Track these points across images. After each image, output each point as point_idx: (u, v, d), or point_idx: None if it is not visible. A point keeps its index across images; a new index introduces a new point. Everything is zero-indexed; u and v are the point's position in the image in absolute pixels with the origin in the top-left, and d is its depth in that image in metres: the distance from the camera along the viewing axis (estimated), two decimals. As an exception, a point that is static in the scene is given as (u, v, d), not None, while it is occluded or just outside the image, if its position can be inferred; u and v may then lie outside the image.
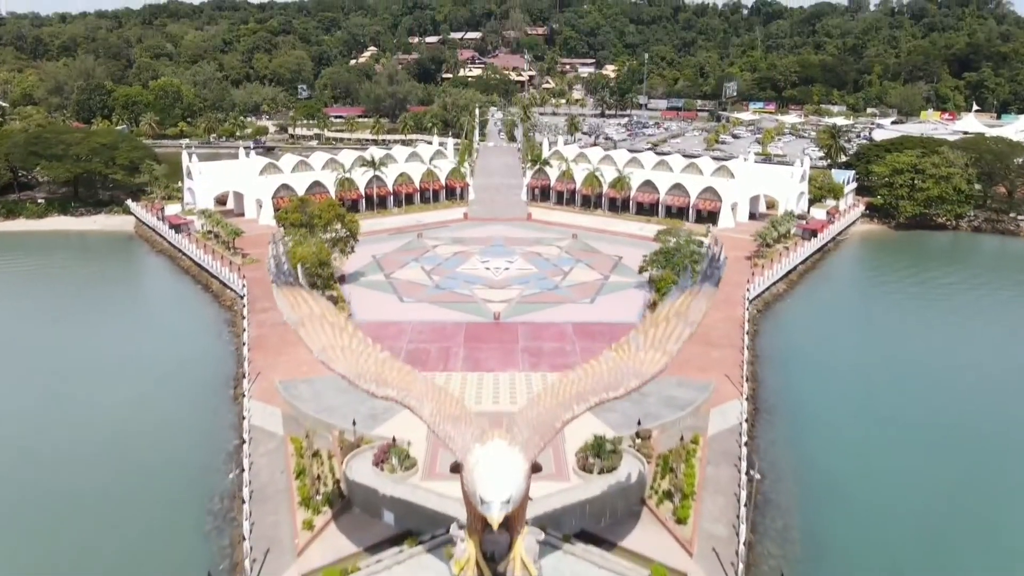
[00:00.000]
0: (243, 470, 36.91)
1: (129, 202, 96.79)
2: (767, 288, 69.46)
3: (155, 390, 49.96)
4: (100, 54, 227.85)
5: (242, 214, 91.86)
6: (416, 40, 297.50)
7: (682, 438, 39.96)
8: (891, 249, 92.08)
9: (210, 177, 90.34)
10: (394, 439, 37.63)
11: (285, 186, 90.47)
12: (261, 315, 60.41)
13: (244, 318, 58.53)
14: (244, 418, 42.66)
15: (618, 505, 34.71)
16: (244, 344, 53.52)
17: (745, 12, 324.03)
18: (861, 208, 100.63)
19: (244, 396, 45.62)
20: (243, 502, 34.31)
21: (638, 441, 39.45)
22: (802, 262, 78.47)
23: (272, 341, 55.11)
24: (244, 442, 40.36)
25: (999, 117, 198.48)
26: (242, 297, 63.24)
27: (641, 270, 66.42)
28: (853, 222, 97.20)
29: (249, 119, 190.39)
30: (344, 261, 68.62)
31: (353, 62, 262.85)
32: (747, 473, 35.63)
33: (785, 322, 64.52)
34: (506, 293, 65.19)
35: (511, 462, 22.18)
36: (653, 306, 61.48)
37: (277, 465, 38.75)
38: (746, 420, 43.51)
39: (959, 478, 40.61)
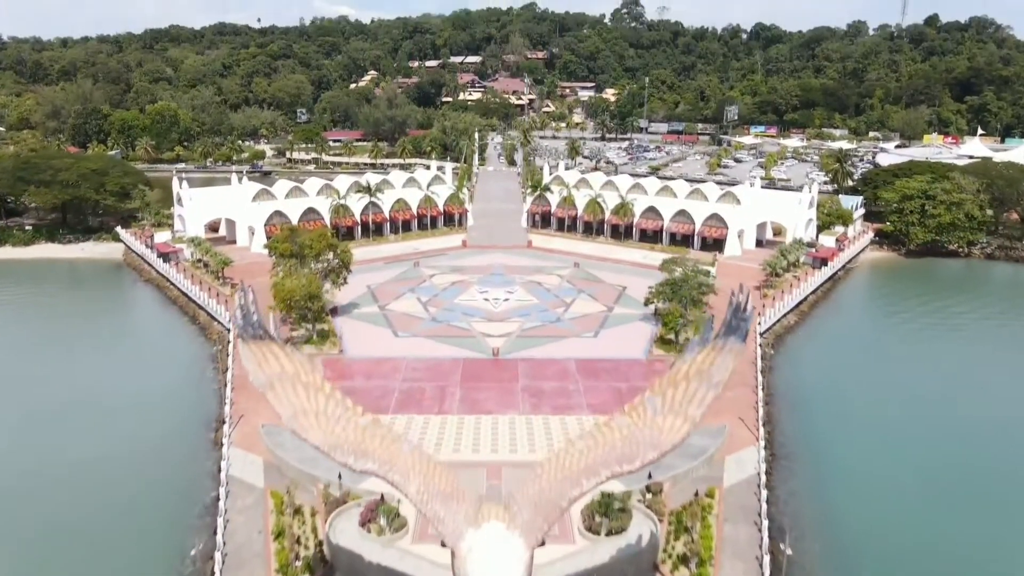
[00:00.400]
0: (215, 532, 33.71)
1: (118, 229, 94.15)
2: (778, 320, 66.55)
3: (129, 432, 46.76)
4: (99, 78, 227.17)
5: (234, 241, 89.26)
6: (416, 64, 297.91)
7: (696, 493, 36.75)
8: (903, 277, 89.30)
9: (201, 204, 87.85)
10: (383, 496, 34.48)
11: (278, 213, 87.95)
12: (248, 351, 57.48)
13: (228, 355, 55.46)
14: (221, 469, 39.49)
15: (628, 572, 31.53)
16: (227, 384, 50.42)
17: (744, 36, 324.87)
18: (870, 235, 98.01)
19: (224, 442, 42.51)
20: (212, 574, 31.07)
21: (648, 496, 36.24)
22: (813, 292, 75.66)
23: (258, 380, 52.11)
24: (220, 497, 37.16)
25: (1003, 141, 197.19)
26: (228, 331, 60.26)
27: (647, 302, 63.51)
28: (862, 249, 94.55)
29: (247, 143, 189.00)
30: (336, 292, 65.73)
31: (353, 86, 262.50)
32: (770, 537, 32.49)
33: (798, 357, 61.46)
34: (505, 326, 62.22)
35: (510, 552, 19.10)
36: (660, 341, 58.67)
37: (254, 524, 35.53)
38: (765, 471, 40.29)
39: (992, 528, 37.46)
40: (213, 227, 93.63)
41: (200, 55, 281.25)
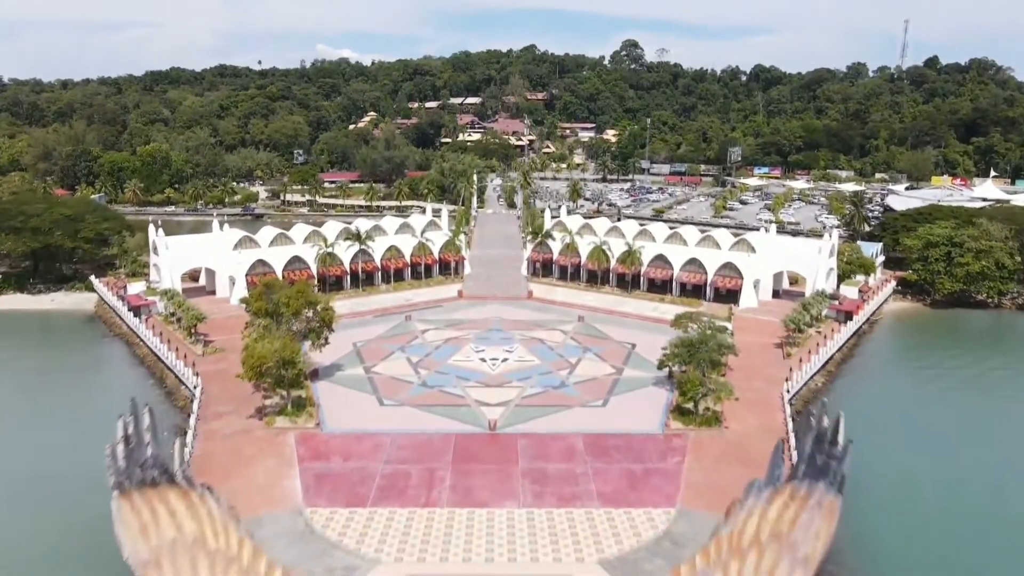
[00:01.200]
0: None
1: (93, 278, 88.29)
2: (804, 383, 60.21)
3: (57, 525, 39.96)
4: (95, 119, 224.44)
5: (214, 292, 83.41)
6: (415, 105, 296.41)
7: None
8: (933, 331, 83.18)
9: (178, 252, 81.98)
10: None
11: (261, 262, 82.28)
12: (213, 423, 51.10)
13: (190, 428, 49.02)
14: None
15: None
16: (183, 464, 43.74)
17: (743, 78, 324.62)
18: (892, 284, 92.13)
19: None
20: None
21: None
22: (838, 349, 69.46)
23: (220, 460, 45.67)
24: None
25: (1013, 182, 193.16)
26: (192, 399, 53.96)
27: (661, 365, 57.25)
28: (885, 300, 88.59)
29: (242, 185, 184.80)
30: (318, 352, 59.45)
31: (352, 127, 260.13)
32: None
33: (832, 428, 54.84)
34: (504, 393, 55.86)
35: None
36: (677, 410, 52.30)
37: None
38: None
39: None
40: (193, 276, 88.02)
41: (199, 96, 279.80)
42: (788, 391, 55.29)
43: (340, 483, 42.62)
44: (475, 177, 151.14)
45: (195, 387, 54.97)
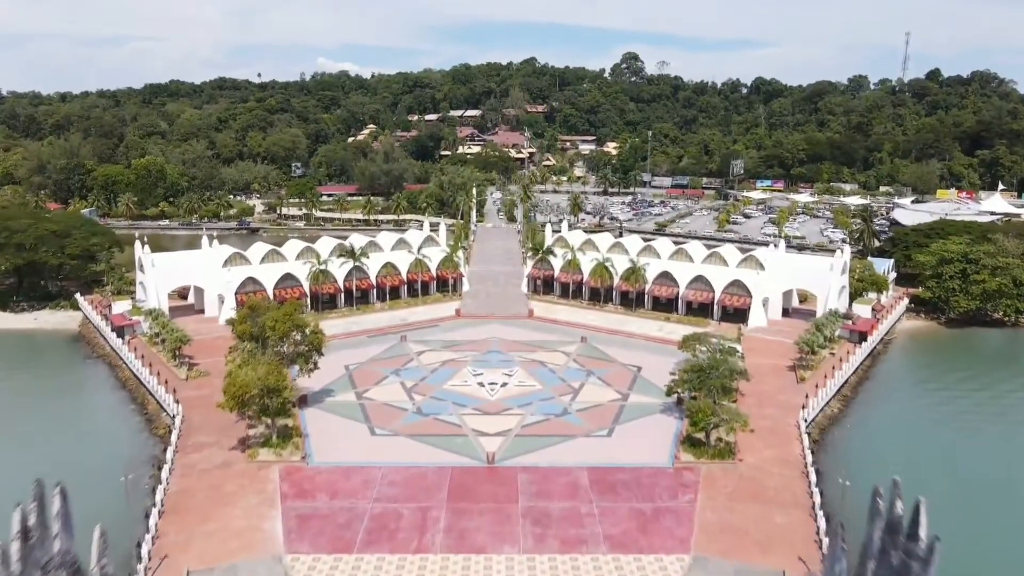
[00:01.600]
0: None
1: (78, 296, 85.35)
2: (820, 409, 57.02)
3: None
4: (92, 132, 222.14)
5: (203, 311, 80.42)
6: (415, 118, 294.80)
7: None
8: (949, 351, 79.94)
9: (165, 269, 78.83)
10: None
11: (252, 279, 79.31)
12: (193, 455, 47.91)
13: (166, 463, 45.77)
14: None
15: None
16: (156, 506, 40.60)
17: (744, 91, 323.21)
18: (905, 302, 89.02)
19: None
20: None
21: None
22: (853, 372, 66.28)
23: (197, 499, 42.46)
24: None
25: (1019, 195, 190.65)
26: (171, 430, 50.76)
27: (669, 391, 54.17)
28: (899, 318, 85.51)
29: (239, 198, 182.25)
30: (307, 376, 56.32)
31: (351, 140, 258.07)
32: None
33: (850, 459, 51.45)
34: (503, 421, 52.70)
35: None
36: (687, 441, 49.10)
37: None
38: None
39: None
40: (182, 294, 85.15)
41: (198, 109, 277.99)
42: (805, 419, 52.09)
43: (325, 525, 39.38)
44: (474, 190, 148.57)
45: (175, 415, 51.80)
